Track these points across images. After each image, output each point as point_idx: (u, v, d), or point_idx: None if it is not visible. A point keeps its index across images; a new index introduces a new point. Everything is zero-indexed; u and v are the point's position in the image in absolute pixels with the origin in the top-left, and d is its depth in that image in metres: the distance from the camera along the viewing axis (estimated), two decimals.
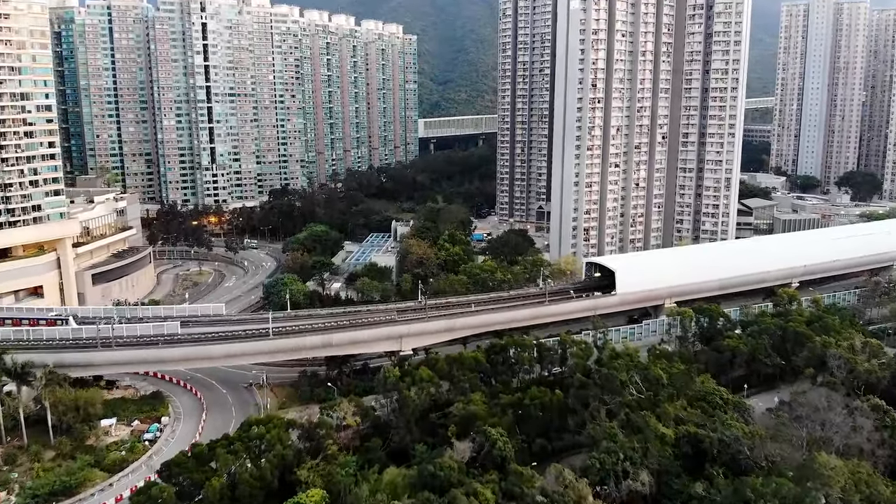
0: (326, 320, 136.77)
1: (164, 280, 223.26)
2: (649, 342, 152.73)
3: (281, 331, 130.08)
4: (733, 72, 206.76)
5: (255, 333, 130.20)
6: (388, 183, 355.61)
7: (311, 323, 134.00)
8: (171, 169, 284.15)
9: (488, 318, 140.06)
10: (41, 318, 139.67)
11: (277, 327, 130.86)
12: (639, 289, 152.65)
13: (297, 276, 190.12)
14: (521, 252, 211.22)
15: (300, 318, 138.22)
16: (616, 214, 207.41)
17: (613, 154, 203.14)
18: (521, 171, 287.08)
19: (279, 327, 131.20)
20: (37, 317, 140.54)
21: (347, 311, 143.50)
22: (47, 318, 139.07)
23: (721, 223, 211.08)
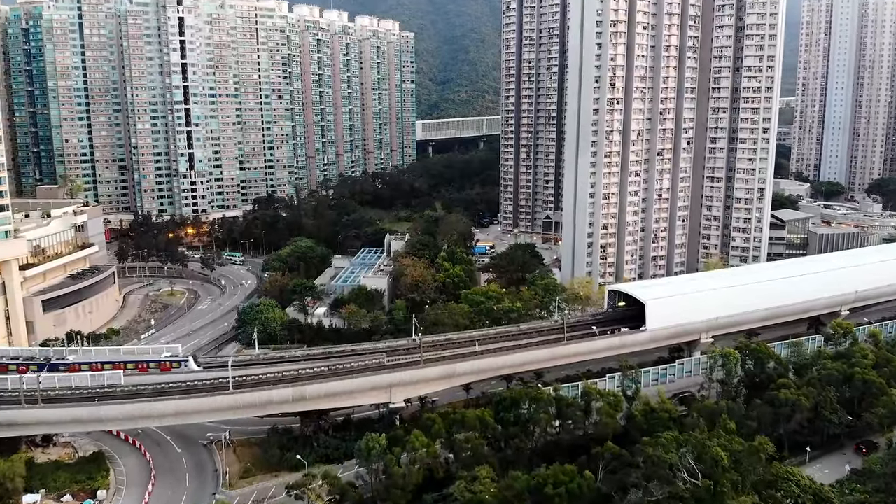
0: (300, 366, 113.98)
1: (131, 302, 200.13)
2: (684, 386, 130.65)
3: (243, 382, 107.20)
4: (768, 69, 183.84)
5: (212, 385, 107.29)
6: (384, 189, 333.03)
7: (280, 371, 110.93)
8: (145, 176, 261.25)
9: (495, 361, 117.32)
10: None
11: (240, 377, 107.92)
12: (672, 323, 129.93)
13: (276, 301, 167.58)
14: (528, 270, 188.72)
15: (268, 363, 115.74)
16: (636, 229, 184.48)
17: (634, 162, 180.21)
18: (526, 178, 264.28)
19: (241, 377, 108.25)
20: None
21: (326, 353, 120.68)
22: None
23: (753, 238, 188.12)
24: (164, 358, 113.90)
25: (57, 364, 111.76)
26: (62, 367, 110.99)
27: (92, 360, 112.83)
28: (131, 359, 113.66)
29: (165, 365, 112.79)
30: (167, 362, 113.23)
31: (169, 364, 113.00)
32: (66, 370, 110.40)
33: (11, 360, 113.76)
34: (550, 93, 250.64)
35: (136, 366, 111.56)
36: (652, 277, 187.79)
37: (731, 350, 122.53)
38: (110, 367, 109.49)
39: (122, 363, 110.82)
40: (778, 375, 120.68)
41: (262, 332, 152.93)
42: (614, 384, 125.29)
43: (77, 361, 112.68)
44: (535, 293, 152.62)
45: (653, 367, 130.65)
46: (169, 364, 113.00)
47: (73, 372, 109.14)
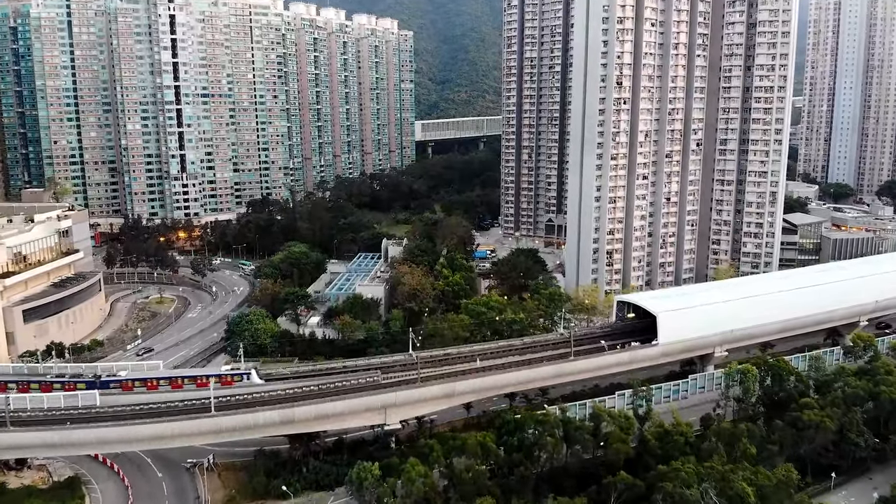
0: (288, 385, 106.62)
1: (119, 310, 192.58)
2: (698, 403, 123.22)
3: (227, 403, 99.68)
4: (781, 68, 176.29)
5: (194, 406, 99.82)
6: (382, 191, 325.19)
7: (266, 391, 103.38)
8: (136, 179, 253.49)
9: (498, 379, 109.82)
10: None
11: (222, 398, 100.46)
12: (686, 337, 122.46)
13: (267, 311, 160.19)
14: (531, 277, 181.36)
15: (252, 384, 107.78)
16: (643, 234, 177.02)
17: (641, 164, 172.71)
18: (527, 180, 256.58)
19: (224, 398, 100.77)
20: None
21: (317, 371, 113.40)
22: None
23: (765, 244, 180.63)
24: (224, 372, 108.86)
25: (108, 381, 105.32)
26: (113, 385, 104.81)
27: (147, 377, 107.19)
28: (190, 373, 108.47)
29: (227, 379, 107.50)
30: (228, 376, 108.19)
31: (230, 378, 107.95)
32: (118, 387, 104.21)
33: (56, 378, 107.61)
34: (553, 92, 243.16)
35: (195, 381, 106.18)
36: (660, 285, 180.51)
37: (748, 366, 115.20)
38: (166, 383, 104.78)
39: (180, 378, 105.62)
40: (798, 393, 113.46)
41: (252, 343, 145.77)
42: (624, 401, 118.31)
43: (130, 378, 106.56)
44: (539, 303, 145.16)
45: (664, 384, 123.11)
46: (230, 378, 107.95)
47: (127, 390, 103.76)
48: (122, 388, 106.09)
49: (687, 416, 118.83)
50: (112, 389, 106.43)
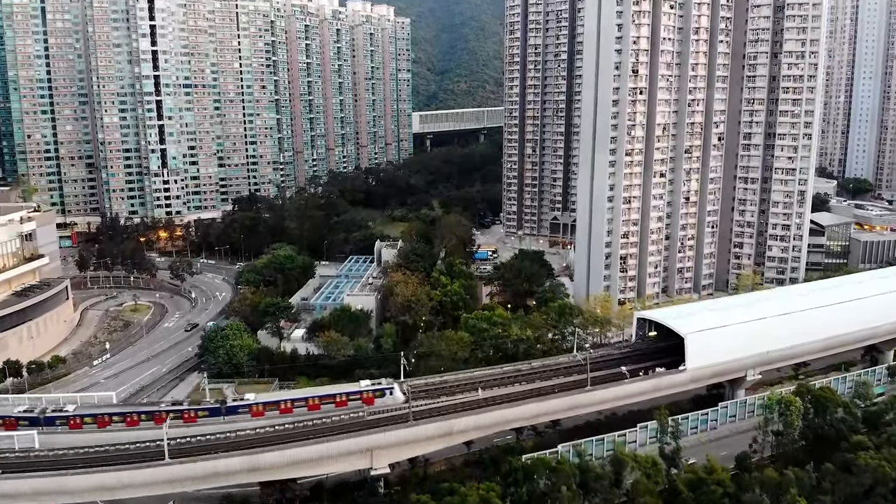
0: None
1: (89, 319, 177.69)
2: (728, 434, 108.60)
3: (183, 447, 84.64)
4: (811, 55, 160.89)
5: (147, 450, 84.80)
6: (377, 187, 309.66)
7: (231, 432, 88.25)
8: (114, 175, 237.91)
9: (504, 414, 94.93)
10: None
11: (179, 440, 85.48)
12: (718, 360, 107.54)
13: (246, 323, 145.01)
14: (537, 283, 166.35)
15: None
16: (660, 238, 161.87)
17: (658, 160, 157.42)
18: (531, 176, 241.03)
19: (182, 440, 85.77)
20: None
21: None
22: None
23: (792, 248, 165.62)
24: (365, 388, 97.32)
25: (235, 407, 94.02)
26: (241, 410, 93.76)
27: (279, 399, 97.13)
28: (328, 392, 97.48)
29: (368, 396, 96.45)
30: (369, 392, 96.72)
31: (372, 395, 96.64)
32: (246, 413, 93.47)
33: (172, 408, 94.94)
34: (559, 82, 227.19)
35: (334, 400, 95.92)
36: (678, 292, 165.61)
37: (791, 397, 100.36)
38: (303, 405, 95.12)
39: (317, 398, 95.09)
40: (848, 428, 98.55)
41: (227, 362, 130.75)
42: (647, 435, 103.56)
43: (260, 402, 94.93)
44: (548, 317, 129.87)
45: (691, 413, 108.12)
46: (372, 395, 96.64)
47: (257, 416, 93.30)
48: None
49: (718, 449, 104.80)
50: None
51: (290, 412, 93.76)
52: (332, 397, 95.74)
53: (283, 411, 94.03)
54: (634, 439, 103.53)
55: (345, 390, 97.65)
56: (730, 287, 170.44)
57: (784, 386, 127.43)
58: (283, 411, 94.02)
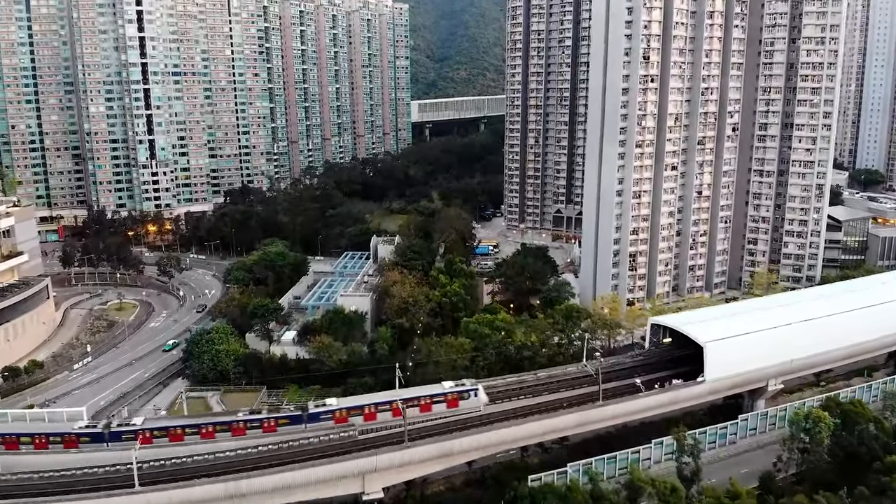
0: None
1: (72, 319, 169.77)
2: (748, 448, 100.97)
3: (156, 473, 76.82)
4: (831, 42, 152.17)
5: (118, 476, 76.91)
6: (375, 178, 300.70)
7: (208, 454, 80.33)
8: (100, 167, 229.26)
9: (508, 433, 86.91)
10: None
11: (152, 464, 77.64)
12: (739, 371, 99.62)
13: (234, 326, 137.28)
14: (541, 280, 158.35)
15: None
16: (671, 234, 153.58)
17: (670, 152, 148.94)
18: (534, 167, 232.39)
19: (156, 464, 77.94)
20: None
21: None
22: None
23: (809, 244, 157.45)
24: (448, 390, 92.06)
25: (317, 414, 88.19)
26: (324, 416, 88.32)
27: (363, 403, 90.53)
28: (413, 395, 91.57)
29: (453, 399, 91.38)
30: (454, 394, 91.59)
31: (456, 396, 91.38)
32: (329, 419, 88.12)
33: (250, 417, 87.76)
34: (563, 69, 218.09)
35: (419, 403, 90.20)
36: (689, 290, 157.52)
37: (819, 412, 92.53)
38: (387, 409, 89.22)
39: (401, 402, 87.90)
40: (882, 447, 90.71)
41: (212, 368, 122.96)
42: (662, 451, 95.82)
43: (343, 407, 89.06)
44: (555, 321, 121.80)
45: (709, 428, 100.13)
46: (456, 396, 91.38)
47: (340, 423, 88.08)
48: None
49: (738, 466, 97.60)
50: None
51: (374, 418, 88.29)
52: (416, 400, 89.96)
53: (367, 417, 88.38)
54: (649, 456, 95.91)
55: (428, 392, 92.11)
56: (743, 285, 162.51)
57: (805, 393, 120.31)
58: (368, 417, 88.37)
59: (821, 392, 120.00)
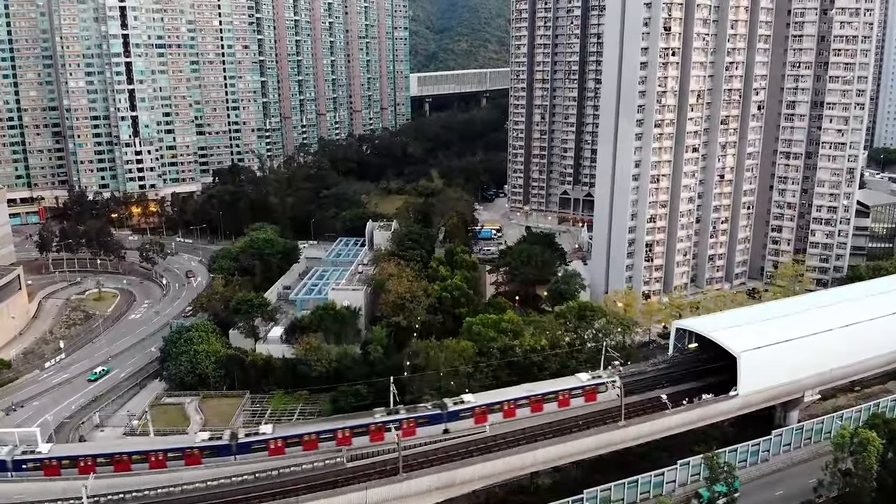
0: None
1: (48, 310, 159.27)
2: (782, 467, 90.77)
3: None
4: (866, 13, 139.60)
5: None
6: (372, 156, 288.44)
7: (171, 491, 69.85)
8: (81, 145, 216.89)
9: (517, 460, 76.52)
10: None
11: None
12: (774, 383, 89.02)
13: (217, 322, 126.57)
14: (550, 270, 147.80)
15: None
16: (690, 221, 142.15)
17: (691, 133, 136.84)
18: (539, 145, 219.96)
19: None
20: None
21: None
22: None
23: (838, 233, 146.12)
24: (586, 383, 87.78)
25: (457, 412, 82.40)
26: (464, 414, 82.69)
27: (501, 400, 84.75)
28: (551, 389, 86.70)
29: (590, 391, 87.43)
30: (591, 387, 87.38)
31: (594, 389, 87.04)
32: (469, 417, 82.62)
33: (388, 418, 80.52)
34: (571, 41, 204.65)
35: (556, 398, 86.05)
36: (708, 281, 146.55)
37: (866, 433, 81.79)
38: (526, 404, 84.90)
39: (540, 396, 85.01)
40: None
41: (191, 371, 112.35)
42: (688, 473, 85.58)
43: (481, 404, 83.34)
44: (566, 319, 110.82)
45: (740, 445, 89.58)
46: (594, 389, 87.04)
47: (480, 422, 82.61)
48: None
49: (772, 488, 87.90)
50: (463, 420, 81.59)
51: (513, 415, 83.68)
52: (554, 395, 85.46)
53: (506, 414, 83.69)
54: (674, 478, 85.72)
55: (565, 386, 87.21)
56: (765, 275, 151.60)
57: (839, 400, 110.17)
58: (507, 414, 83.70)
59: (856, 398, 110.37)
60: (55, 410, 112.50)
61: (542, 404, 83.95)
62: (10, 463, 74.10)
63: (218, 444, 76.42)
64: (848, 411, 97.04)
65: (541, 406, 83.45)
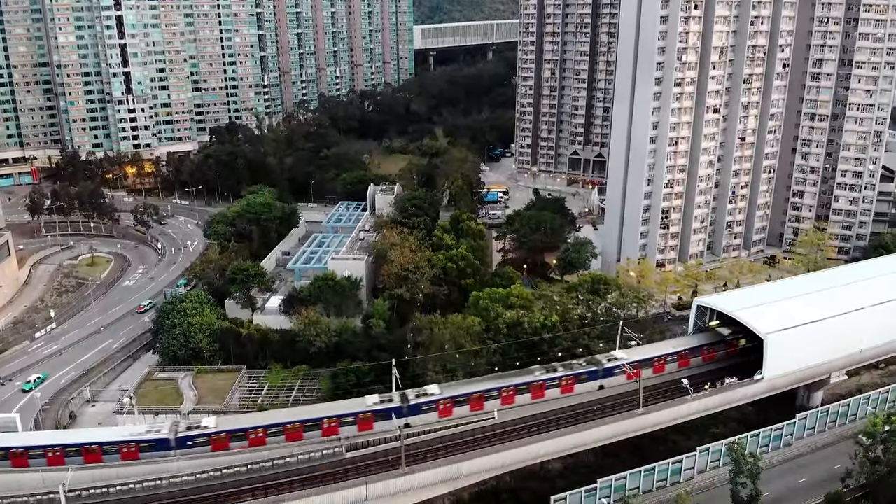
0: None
1: (39, 276, 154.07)
2: (805, 451, 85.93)
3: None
4: None
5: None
6: (374, 113, 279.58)
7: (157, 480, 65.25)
8: (73, 103, 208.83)
9: (526, 451, 71.68)
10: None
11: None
12: (802, 365, 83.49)
13: (212, 292, 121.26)
14: (559, 236, 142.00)
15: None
16: (709, 186, 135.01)
17: (713, 92, 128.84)
18: (549, 103, 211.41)
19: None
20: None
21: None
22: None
23: (863, 199, 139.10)
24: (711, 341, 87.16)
25: (611, 368, 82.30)
26: (616, 371, 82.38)
27: (652, 356, 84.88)
28: (687, 347, 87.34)
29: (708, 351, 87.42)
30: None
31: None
32: (620, 374, 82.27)
33: (547, 376, 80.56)
34: None
35: (678, 357, 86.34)
36: (725, 249, 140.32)
37: None
38: (674, 360, 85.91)
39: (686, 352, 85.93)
40: None
41: (184, 345, 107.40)
42: (708, 460, 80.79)
43: (634, 360, 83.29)
44: (578, 293, 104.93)
45: (762, 430, 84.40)
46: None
47: (631, 377, 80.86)
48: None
49: (795, 474, 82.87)
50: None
51: (663, 370, 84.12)
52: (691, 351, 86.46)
53: (656, 370, 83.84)
54: (692, 465, 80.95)
55: (690, 345, 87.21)
56: (784, 242, 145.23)
57: (862, 378, 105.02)
58: (657, 370, 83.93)
59: (881, 375, 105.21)
60: (44, 385, 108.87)
61: (637, 372, 79.80)
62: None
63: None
64: (875, 392, 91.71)
65: (688, 361, 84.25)
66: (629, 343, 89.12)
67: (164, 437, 69.86)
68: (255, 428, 73.08)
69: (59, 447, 69.60)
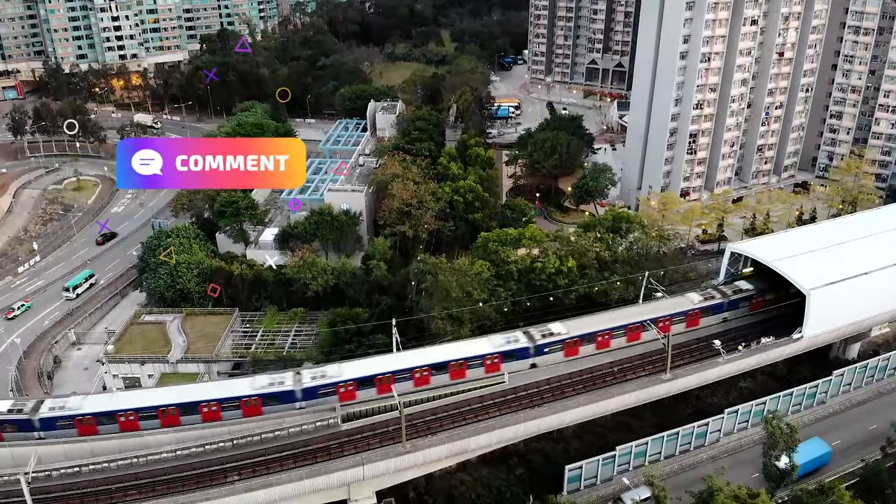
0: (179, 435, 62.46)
1: (23, 203, 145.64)
2: (839, 410, 79.60)
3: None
4: None
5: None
6: (375, 15, 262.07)
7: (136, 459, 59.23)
8: (53, 11, 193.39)
9: (540, 424, 64.83)
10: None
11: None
12: (845, 322, 75.51)
13: (201, 225, 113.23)
14: (575, 160, 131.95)
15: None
16: (741, 107, 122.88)
17: (750, 2, 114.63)
18: (566, 6, 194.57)
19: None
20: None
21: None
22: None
23: None
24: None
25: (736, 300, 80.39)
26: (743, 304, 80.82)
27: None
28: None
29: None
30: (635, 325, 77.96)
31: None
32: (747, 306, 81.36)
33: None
34: None
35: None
36: (753, 175, 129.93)
37: None
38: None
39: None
40: None
41: (171, 287, 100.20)
42: (735, 421, 74.51)
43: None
44: (598, 235, 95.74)
45: (795, 389, 77.56)
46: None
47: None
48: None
49: (827, 436, 76.28)
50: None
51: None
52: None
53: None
54: (718, 427, 74.75)
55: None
56: (818, 167, 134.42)
57: None
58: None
59: None
60: (26, 327, 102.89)
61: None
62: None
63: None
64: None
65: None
66: (655, 296, 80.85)
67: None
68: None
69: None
